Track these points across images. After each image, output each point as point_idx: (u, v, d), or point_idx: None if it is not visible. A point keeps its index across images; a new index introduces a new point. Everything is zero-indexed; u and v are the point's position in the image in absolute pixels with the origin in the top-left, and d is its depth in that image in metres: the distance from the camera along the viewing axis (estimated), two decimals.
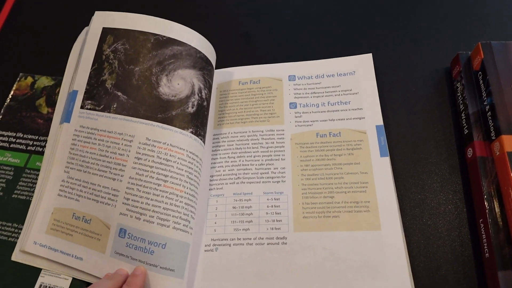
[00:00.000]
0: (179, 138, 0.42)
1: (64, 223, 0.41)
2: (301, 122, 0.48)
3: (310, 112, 0.49)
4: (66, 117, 0.46)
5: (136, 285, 0.36)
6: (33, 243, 0.41)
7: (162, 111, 0.43)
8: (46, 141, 0.52)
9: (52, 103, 0.55)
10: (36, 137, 0.52)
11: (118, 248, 0.39)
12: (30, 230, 0.42)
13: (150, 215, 0.39)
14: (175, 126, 0.43)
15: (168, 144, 0.41)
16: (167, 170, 0.40)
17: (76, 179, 0.43)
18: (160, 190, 0.40)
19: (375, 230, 0.41)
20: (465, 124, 0.45)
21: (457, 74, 0.48)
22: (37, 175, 0.49)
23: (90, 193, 0.42)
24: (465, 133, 0.45)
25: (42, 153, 0.51)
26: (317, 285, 0.39)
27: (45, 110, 0.55)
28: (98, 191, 0.41)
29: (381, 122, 0.46)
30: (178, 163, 0.41)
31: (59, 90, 0.56)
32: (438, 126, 0.47)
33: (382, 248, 0.40)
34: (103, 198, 0.41)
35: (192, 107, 0.44)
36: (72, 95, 0.47)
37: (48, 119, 0.54)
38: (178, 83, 0.45)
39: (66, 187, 0.43)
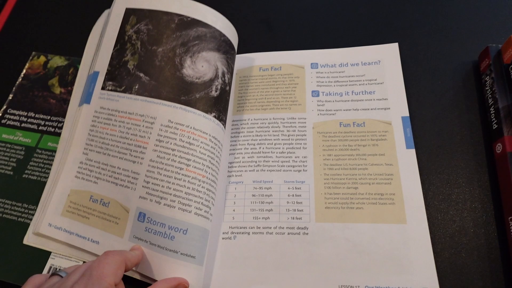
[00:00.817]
0: (203, 121, 0.41)
1: (81, 206, 0.40)
2: (323, 111, 0.47)
3: (333, 101, 0.47)
4: (86, 98, 0.44)
5: (137, 257, 0.35)
6: (48, 225, 0.40)
7: (185, 93, 0.42)
8: (58, 121, 0.50)
9: (65, 84, 0.53)
10: (48, 117, 0.51)
11: (137, 232, 0.38)
12: (45, 212, 0.41)
13: (171, 199, 0.38)
14: (199, 109, 0.41)
15: (191, 128, 0.40)
16: (189, 154, 0.39)
17: (95, 161, 0.41)
18: (182, 174, 0.38)
19: (400, 223, 0.39)
20: (494, 119, 0.44)
21: (486, 68, 0.46)
22: (49, 155, 0.48)
23: (109, 176, 0.40)
24: (494, 128, 0.43)
25: (54, 133, 0.49)
26: (340, 277, 0.38)
27: (57, 90, 0.53)
28: (117, 173, 0.40)
29: (407, 113, 0.45)
30: (201, 148, 0.40)
31: (72, 71, 0.54)
32: (465, 120, 0.46)
33: (408, 242, 0.38)
34: (123, 181, 0.40)
35: (216, 91, 0.43)
36: (93, 76, 0.45)
37: (61, 100, 0.52)
38: (202, 66, 0.43)
39: (84, 169, 0.41)
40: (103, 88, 0.44)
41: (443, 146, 0.45)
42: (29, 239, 0.41)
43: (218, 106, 0.42)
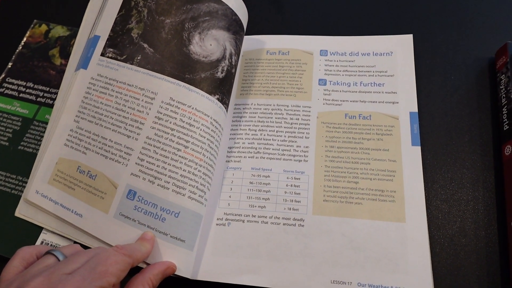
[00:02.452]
0: (205, 103, 0.39)
1: (67, 175, 0.39)
2: (329, 100, 0.45)
3: (340, 91, 0.46)
4: (84, 63, 0.43)
5: (147, 247, 0.34)
6: (35, 192, 0.39)
7: (190, 71, 0.40)
8: (57, 93, 0.49)
9: (66, 55, 0.52)
10: (47, 89, 0.50)
11: (124, 210, 0.37)
12: (33, 179, 0.40)
13: (165, 180, 0.37)
14: (203, 90, 0.40)
15: (193, 108, 0.39)
16: (188, 135, 0.38)
17: (85, 130, 0.40)
18: (180, 156, 0.37)
19: (399, 221, 0.38)
20: (506, 120, 0.42)
21: (502, 65, 0.45)
22: (46, 128, 0.47)
23: (99, 148, 0.39)
24: (505, 129, 0.42)
25: (52, 105, 0.48)
26: (333, 272, 0.37)
27: (58, 61, 0.52)
28: (109, 146, 0.39)
29: (415, 109, 0.44)
30: (201, 130, 0.38)
31: (74, 42, 0.53)
32: (475, 119, 0.44)
33: (405, 241, 0.37)
34: (114, 154, 0.38)
35: (222, 72, 0.41)
36: (93, 40, 0.43)
37: (61, 71, 0.51)
38: (211, 44, 0.41)
39: (74, 137, 0.40)
40: (102, 55, 0.42)
41: (450, 145, 0.43)
42: (20, 211, 0.40)
43: (222, 88, 0.41)
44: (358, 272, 0.37)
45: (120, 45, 0.42)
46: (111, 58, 0.42)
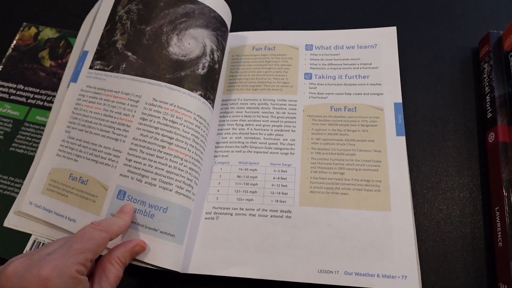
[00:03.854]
0: (187, 100, 0.40)
1: (60, 184, 0.40)
2: (315, 94, 0.46)
3: (326, 84, 0.46)
4: (73, 77, 0.44)
5: (125, 220, 0.35)
6: (29, 203, 0.40)
7: (171, 71, 0.41)
8: (47, 95, 0.50)
9: (55, 56, 0.53)
10: (37, 90, 0.50)
11: (115, 210, 0.37)
12: (27, 191, 0.40)
13: (152, 177, 0.37)
14: (183, 88, 0.40)
15: (175, 106, 0.39)
16: (172, 132, 0.39)
17: (76, 139, 0.41)
18: (164, 153, 0.38)
19: (384, 210, 0.39)
20: (489, 108, 0.42)
21: (485, 54, 0.45)
22: (37, 129, 0.47)
23: (89, 153, 0.40)
24: (488, 117, 0.42)
25: (42, 107, 0.49)
26: (320, 262, 0.37)
27: (48, 63, 0.52)
28: (98, 151, 0.40)
29: (399, 100, 0.44)
30: (184, 126, 0.39)
31: (63, 44, 0.54)
32: (460, 108, 0.45)
33: (391, 230, 0.38)
34: (103, 158, 0.39)
35: (203, 69, 0.42)
36: (82, 55, 0.45)
37: (51, 73, 0.52)
38: (189, 43, 0.42)
39: (65, 147, 0.41)
40: (91, 68, 0.44)
41: (435, 134, 0.44)
42: (9, 221, 0.41)
43: (204, 84, 0.42)
44: (345, 261, 0.37)
45: (107, 56, 0.44)
46: (99, 69, 0.43)
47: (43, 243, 0.41)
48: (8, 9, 0.57)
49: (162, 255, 0.36)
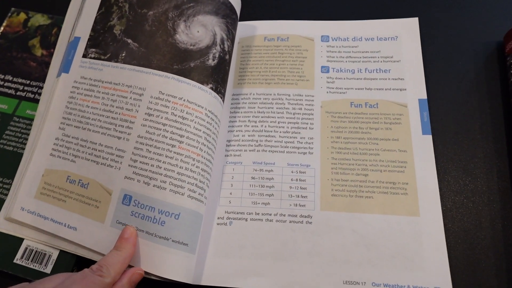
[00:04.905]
0: (198, 93, 0.36)
1: (56, 187, 0.36)
2: (333, 88, 0.43)
3: (344, 78, 0.43)
4: (65, 68, 0.40)
5: (127, 250, 0.31)
6: (20, 209, 0.36)
7: (178, 61, 0.37)
8: (38, 86, 0.45)
9: (47, 45, 0.48)
10: (28, 82, 0.46)
11: (121, 217, 0.34)
12: (17, 195, 0.36)
13: (161, 180, 0.33)
14: (193, 80, 0.37)
15: (184, 100, 0.36)
16: (182, 129, 0.35)
17: (72, 137, 0.37)
18: (174, 152, 0.34)
19: (412, 215, 0.36)
20: None
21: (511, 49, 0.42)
22: (27, 124, 0.43)
23: (89, 154, 0.36)
24: None
25: (33, 100, 0.45)
26: (344, 272, 0.34)
27: (39, 52, 0.48)
28: (99, 151, 0.36)
29: (424, 96, 0.41)
30: (195, 123, 0.35)
31: (56, 31, 0.49)
32: (485, 105, 0.42)
33: (420, 237, 0.35)
34: (105, 159, 0.35)
35: (213, 60, 0.38)
36: (73, 43, 0.40)
37: (42, 63, 0.47)
38: (198, 31, 0.38)
39: (60, 146, 0.37)
40: (84, 56, 0.40)
41: (461, 133, 0.41)
42: (0, 225, 0.37)
43: (215, 76, 0.38)
44: (372, 271, 0.34)
45: (102, 44, 0.39)
46: (94, 58, 0.39)
47: (37, 251, 0.37)
48: None
49: (174, 266, 0.32)
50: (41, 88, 0.45)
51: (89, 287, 0.28)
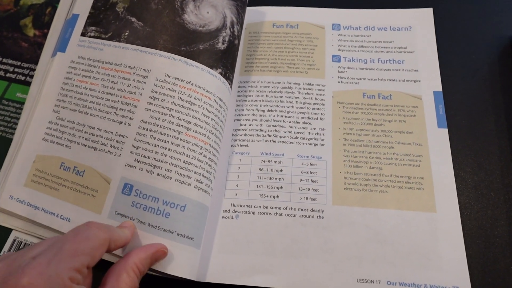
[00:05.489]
0: (207, 78, 0.34)
1: (49, 175, 0.33)
2: (345, 78, 0.41)
3: (357, 68, 0.41)
4: (61, 46, 0.37)
5: (125, 233, 0.29)
6: (9, 197, 0.33)
7: (186, 43, 0.35)
8: (30, 68, 0.42)
9: (40, 25, 0.45)
10: (19, 63, 0.43)
11: (120, 207, 0.31)
12: (5, 182, 0.33)
13: (167, 168, 0.31)
14: (202, 63, 0.34)
15: (193, 84, 0.33)
16: (190, 115, 0.32)
17: (68, 121, 0.34)
18: (181, 139, 0.32)
19: (428, 211, 0.34)
20: None
21: None
22: (17, 108, 0.40)
23: (86, 139, 0.33)
24: None
25: (24, 82, 0.42)
26: (358, 270, 0.32)
27: (31, 32, 0.45)
28: (97, 136, 0.33)
29: (439, 88, 0.40)
30: (204, 109, 0.33)
31: (50, 11, 0.46)
32: (500, 100, 0.41)
33: (437, 233, 0.34)
34: (104, 145, 0.33)
35: (223, 43, 0.36)
36: (71, 20, 0.37)
37: (34, 43, 0.44)
38: (208, 12, 0.36)
39: (54, 130, 0.34)
40: (83, 35, 0.37)
41: (475, 128, 0.40)
42: None
43: (225, 61, 0.36)
44: (387, 268, 0.32)
45: (103, 22, 0.37)
46: (94, 37, 0.36)
47: (26, 244, 0.34)
48: None
49: (178, 262, 0.30)
50: (33, 70, 0.42)
51: (84, 243, 0.24)
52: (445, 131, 0.38)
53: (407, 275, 0.32)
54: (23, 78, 0.42)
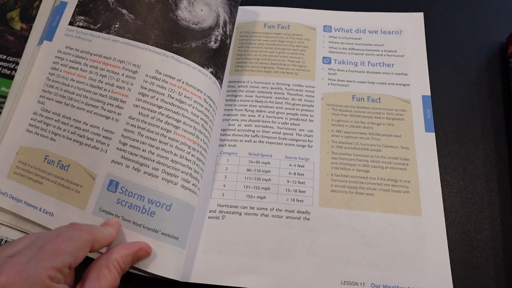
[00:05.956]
0: (198, 77, 0.34)
1: (32, 167, 0.32)
2: (335, 80, 0.41)
3: (347, 71, 0.41)
4: (48, 35, 0.36)
5: (109, 231, 0.28)
6: None
7: (179, 40, 0.34)
8: (16, 62, 0.42)
9: (27, 19, 0.44)
10: (4, 57, 0.42)
11: (105, 204, 0.31)
12: None
13: (154, 167, 0.31)
14: (194, 62, 0.34)
15: (183, 82, 0.33)
16: (179, 114, 0.32)
17: (53, 113, 0.33)
18: (169, 138, 0.31)
19: (414, 215, 0.35)
20: None
21: None
22: (1, 102, 0.39)
23: (71, 132, 0.33)
24: None
25: (9, 76, 0.41)
26: (343, 272, 0.33)
27: (18, 25, 0.44)
28: (83, 130, 0.32)
29: (428, 92, 0.40)
30: (193, 108, 0.33)
31: (38, 4, 0.45)
32: (487, 106, 0.41)
33: (422, 237, 0.34)
34: (90, 139, 0.32)
35: (215, 42, 0.36)
36: (59, 8, 0.37)
37: (21, 37, 0.43)
38: (202, 9, 0.36)
39: (38, 121, 0.33)
40: (71, 24, 0.36)
41: (462, 133, 0.40)
42: None
43: (216, 61, 0.35)
44: (372, 271, 0.33)
45: (93, 11, 0.36)
46: (82, 27, 0.36)
47: (6, 240, 0.33)
48: None
49: (162, 261, 0.30)
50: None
51: (66, 243, 0.24)
52: (432, 135, 0.38)
53: (391, 277, 0.32)
54: (8, 72, 0.41)
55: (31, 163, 0.33)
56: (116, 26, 0.35)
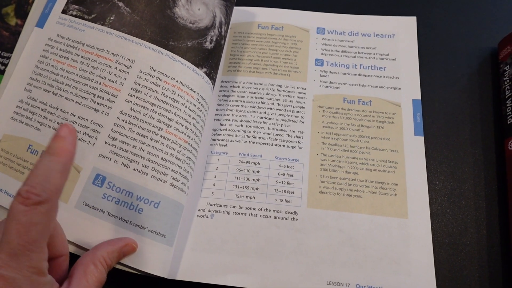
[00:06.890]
0: (192, 76, 0.34)
1: (14, 156, 0.32)
2: (327, 82, 0.41)
3: (339, 73, 0.42)
4: (39, 22, 0.36)
5: (64, 152, 0.23)
6: None
7: (175, 38, 0.34)
8: (10, 58, 0.42)
9: (23, 14, 0.44)
10: None
11: (89, 199, 0.31)
12: None
13: (144, 164, 0.31)
14: (189, 61, 0.34)
15: (177, 81, 0.33)
16: (172, 112, 0.32)
17: (40, 102, 0.33)
18: (161, 136, 0.32)
19: (401, 217, 0.35)
20: (509, 113, 0.40)
21: (506, 56, 0.42)
22: None
23: (58, 123, 0.33)
24: (508, 122, 0.39)
25: (3, 72, 0.41)
26: (329, 272, 0.33)
27: (13, 21, 0.44)
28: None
29: (418, 96, 0.40)
30: (186, 107, 0.33)
31: (33, 0, 0.45)
32: (477, 111, 0.42)
33: (408, 239, 0.34)
34: (77, 132, 0.32)
35: (210, 43, 0.36)
36: None
37: (16, 33, 0.43)
38: (199, 9, 0.36)
39: (24, 109, 0.33)
40: (64, 12, 0.36)
41: (451, 137, 0.41)
42: None
43: (210, 61, 0.36)
44: (357, 272, 0.33)
45: (87, 1, 0.36)
46: (75, 16, 0.35)
47: None
48: None
49: (148, 258, 0.30)
50: None
51: (30, 232, 0.21)
52: (421, 139, 0.39)
53: (376, 279, 0.33)
54: (2, 68, 0.41)
55: (14, 152, 0.32)
56: (112, 18, 0.35)
